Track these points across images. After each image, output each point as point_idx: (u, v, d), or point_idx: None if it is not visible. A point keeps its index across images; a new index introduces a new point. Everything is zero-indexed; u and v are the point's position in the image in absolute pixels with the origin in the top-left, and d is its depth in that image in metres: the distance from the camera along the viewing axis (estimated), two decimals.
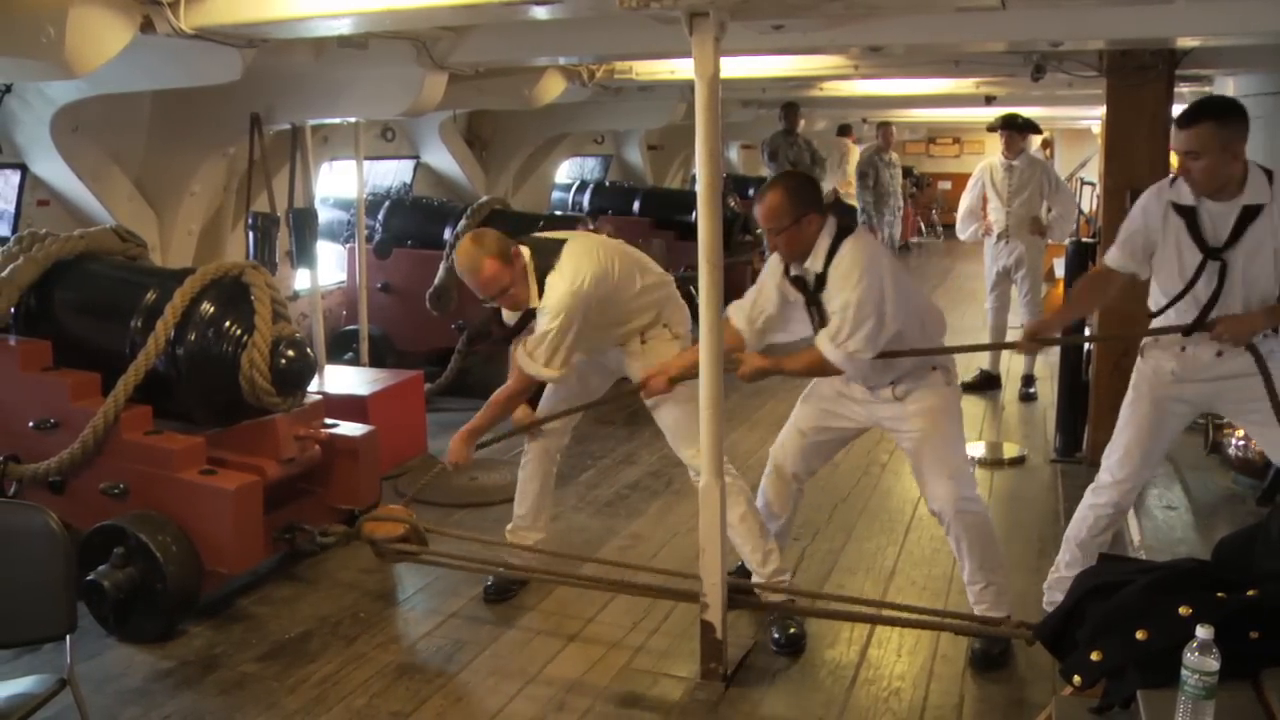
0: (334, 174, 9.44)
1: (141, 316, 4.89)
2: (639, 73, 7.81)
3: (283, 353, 4.85)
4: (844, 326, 4.04)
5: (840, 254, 4.09)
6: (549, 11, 4.23)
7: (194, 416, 4.98)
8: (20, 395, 4.95)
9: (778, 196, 4.14)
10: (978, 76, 8.84)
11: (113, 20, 4.37)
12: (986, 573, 4.29)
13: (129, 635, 4.52)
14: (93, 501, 4.79)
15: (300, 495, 5.18)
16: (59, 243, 5.16)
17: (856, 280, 4.03)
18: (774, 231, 4.15)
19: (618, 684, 4.23)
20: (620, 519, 5.97)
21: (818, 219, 4.13)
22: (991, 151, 9.54)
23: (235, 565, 4.70)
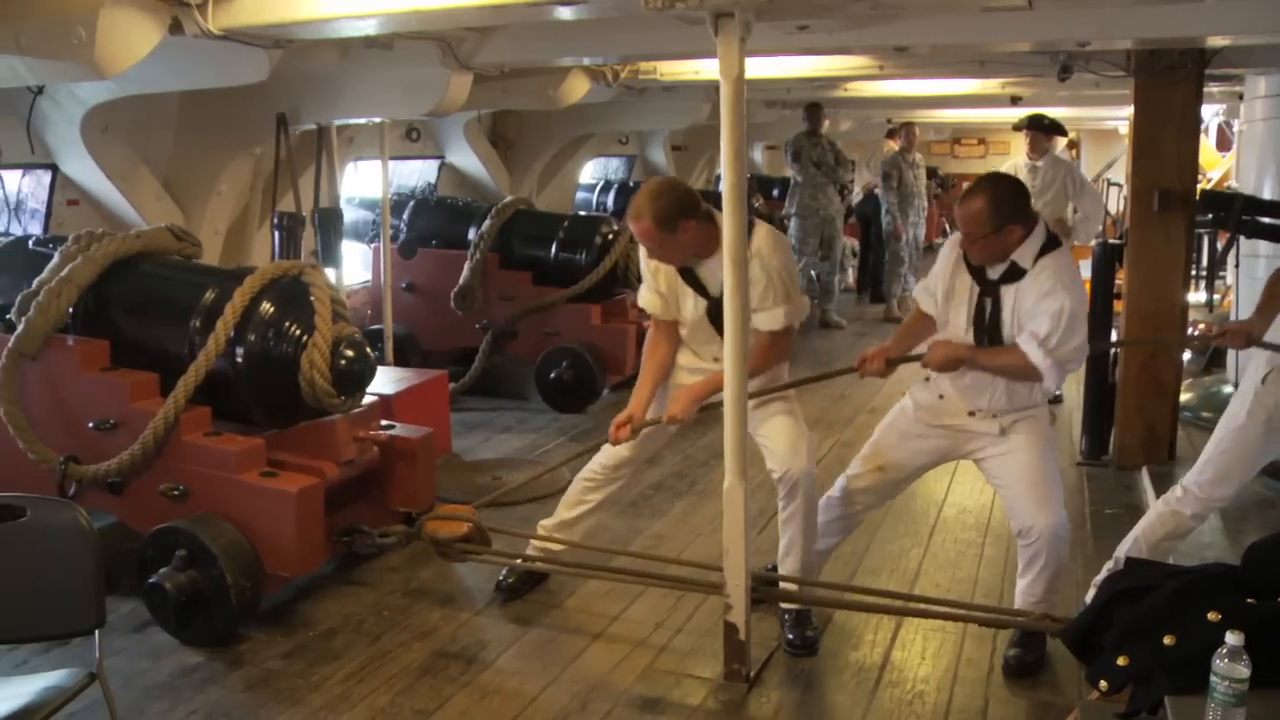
0: (359, 174, 9.50)
1: (201, 316, 4.85)
2: (663, 73, 7.82)
3: (342, 353, 4.79)
4: (1056, 333, 3.91)
5: (1055, 256, 4.00)
6: (574, 12, 4.24)
7: (253, 417, 4.94)
8: (79, 395, 4.93)
9: (982, 204, 3.98)
10: (1003, 77, 8.80)
11: (142, 22, 4.41)
12: (1051, 594, 4.22)
13: (190, 638, 4.49)
14: (152, 503, 4.77)
15: (358, 497, 5.14)
16: (116, 242, 5.12)
17: (1071, 289, 3.94)
18: (973, 237, 4.03)
19: (641, 684, 4.22)
20: (644, 519, 5.97)
21: (1020, 230, 3.99)
22: (1017, 153, 9.48)
23: (297, 568, 4.67)
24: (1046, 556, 4.14)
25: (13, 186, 6.52)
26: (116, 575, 4.59)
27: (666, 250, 4.39)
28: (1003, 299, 4.09)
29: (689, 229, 4.31)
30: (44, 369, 4.95)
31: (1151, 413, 6.47)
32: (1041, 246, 4.03)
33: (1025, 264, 4.02)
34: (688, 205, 4.32)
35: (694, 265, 4.48)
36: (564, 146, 11.22)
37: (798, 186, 11.39)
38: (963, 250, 4.16)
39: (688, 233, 4.31)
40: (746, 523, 4.09)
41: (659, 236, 4.31)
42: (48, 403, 4.97)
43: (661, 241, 4.34)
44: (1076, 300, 3.96)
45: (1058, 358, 3.95)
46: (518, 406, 8.29)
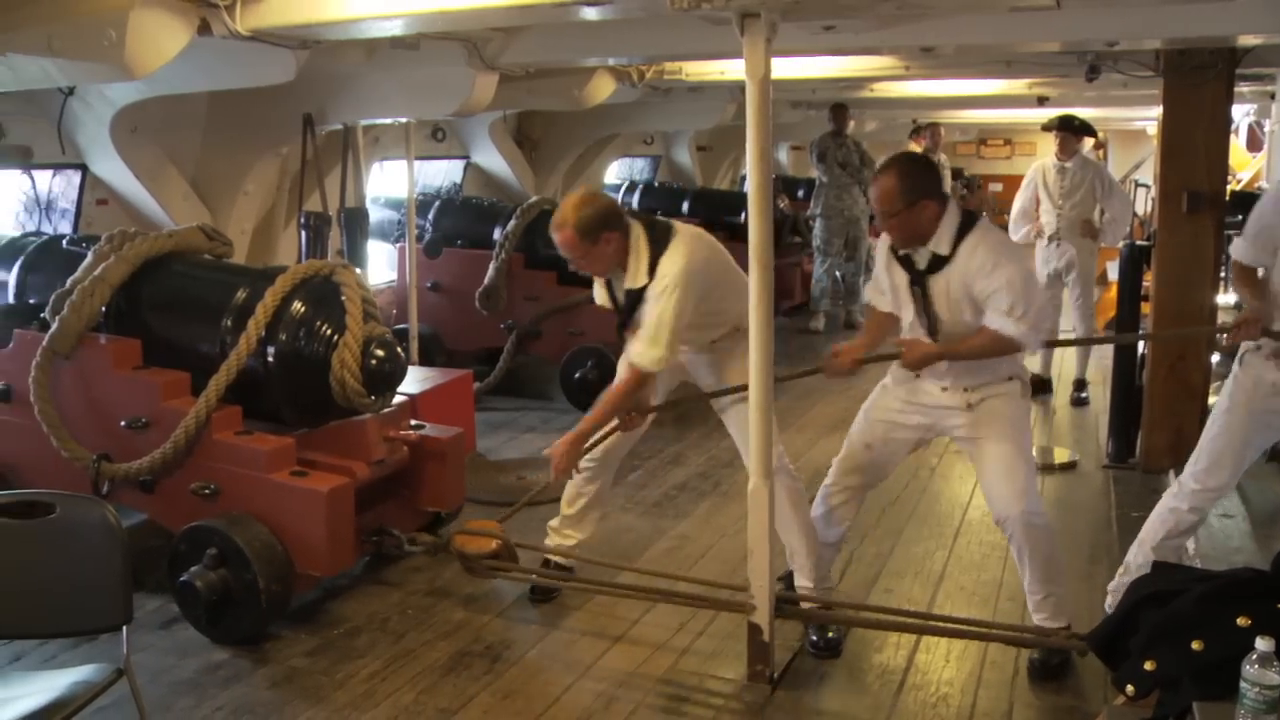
0: (385, 174, 9.53)
1: (232, 316, 4.88)
2: (689, 73, 7.81)
3: (373, 353, 4.80)
4: (1018, 302, 3.94)
5: (977, 236, 4.02)
6: (599, 12, 4.24)
7: (283, 417, 4.95)
8: (112, 394, 4.96)
9: (890, 180, 4.03)
10: (1030, 77, 8.77)
11: (171, 23, 4.44)
12: (1047, 584, 4.22)
13: (220, 636, 4.51)
14: (183, 501, 4.79)
15: (387, 497, 5.15)
16: (148, 241, 5.16)
17: (1011, 258, 4.01)
18: (887, 215, 4.05)
19: (664, 685, 4.22)
20: (668, 519, 5.97)
21: (934, 205, 4.02)
22: (1044, 153, 9.44)
23: (327, 568, 4.68)
24: (1028, 545, 4.15)
25: (44, 186, 6.58)
26: (142, 572, 4.62)
27: (589, 260, 4.46)
28: (932, 289, 4.11)
29: (611, 240, 4.39)
30: (77, 367, 4.98)
31: (1180, 415, 6.42)
32: (958, 228, 4.04)
33: (944, 250, 4.04)
34: (609, 217, 4.39)
35: (615, 277, 4.56)
36: (589, 147, 11.22)
37: (823, 187, 11.35)
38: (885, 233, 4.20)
39: (610, 244, 4.39)
40: (772, 524, 4.09)
41: (581, 246, 4.39)
42: (81, 401, 5.01)
43: (584, 252, 4.41)
44: (1019, 265, 4.02)
45: (1030, 323, 3.98)
46: (542, 406, 8.30)
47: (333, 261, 5.17)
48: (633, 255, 4.42)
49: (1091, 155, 9.66)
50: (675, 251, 4.37)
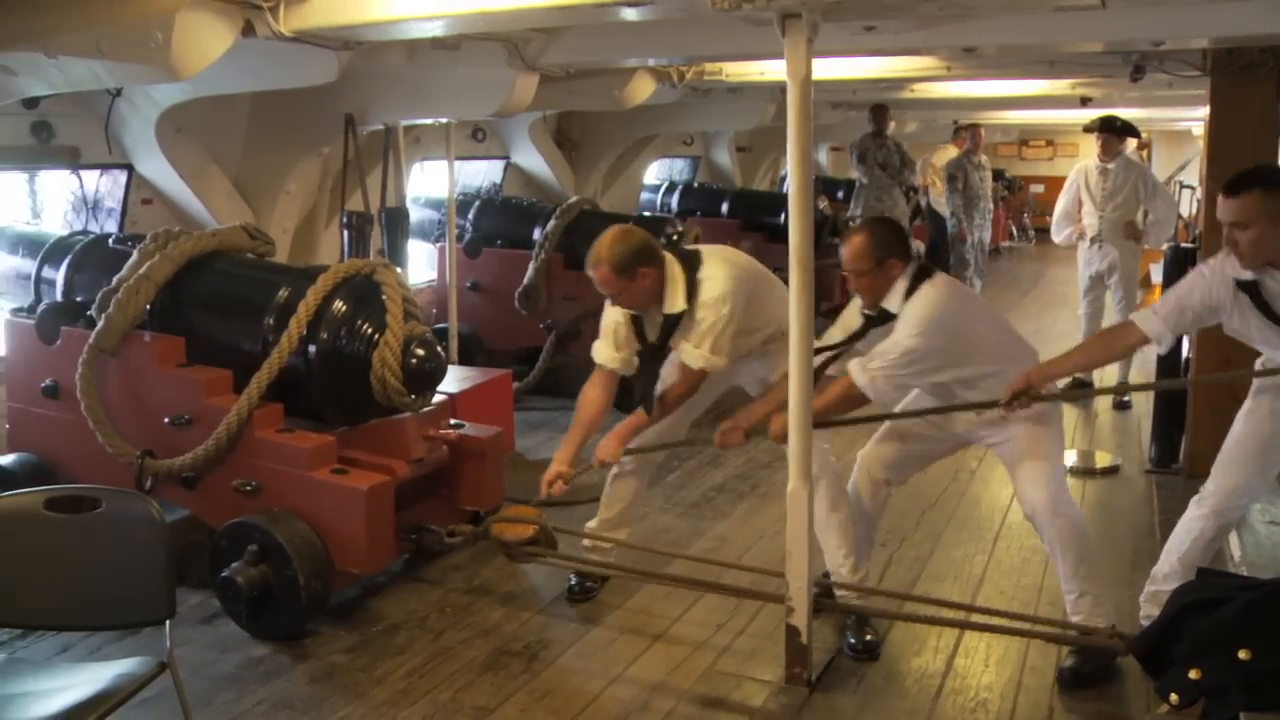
0: (425, 174, 9.58)
1: (274, 314, 4.91)
2: (729, 74, 7.80)
3: (414, 352, 4.83)
4: (879, 358, 4.12)
5: (916, 297, 4.15)
6: (640, 13, 4.24)
7: (323, 415, 4.99)
8: (156, 391, 5.01)
9: (864, 241, 4.21)
10: (1073, 77, 8.69)
11: (216, 24, 4.49)
12: (1082, 580, 4.19)
13: (261, 632, 4.55)
14: (225, 498, 4.84)
15: (426, 496, 5.18)
16: (192, 240, 5.21)
17: (914, 328, 4.09)
18: (856, 274, 4.22)
19: (701, 686, 4.22)
20: (706, 520, 5.96)
21: (900, 264, 4.20)
22: (1086, 154, 9.37)
23: (366, 565, 4.70)
24: (1059, 541, 4.15)
25: (91, 186, 6.67)
26: (184, 568, 4.66)
27: (626, 296, 4.49)
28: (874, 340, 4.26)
29: (648, 275, 4.43)
30: (122, 364, 5.05)
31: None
32: (909, 285, 4.19)
33: (894, 308, 4.20)
34: (644, 253, 4.44)
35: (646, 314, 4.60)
36: (628, 147, 11.23)
37: (863, 189, 11.31)
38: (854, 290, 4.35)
39: (646, 279, 4.44)
40: (810, 526, 4.08)
41: (618, 283, 4.43)
42: (126, 397, 5.07)
43: (621, 288, 4.45)
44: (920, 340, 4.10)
45: (871, 373, 4.12)
46: None
47: (374, 260, 5.20)
48: (669, 284, 4.48)
49: (1135, 156, 9.57)
50: (711, 266, 4.49)
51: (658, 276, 4.47)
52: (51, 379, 5.23)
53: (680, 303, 4.47)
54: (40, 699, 2.98)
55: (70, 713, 2.88)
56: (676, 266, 4.50)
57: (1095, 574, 4.23)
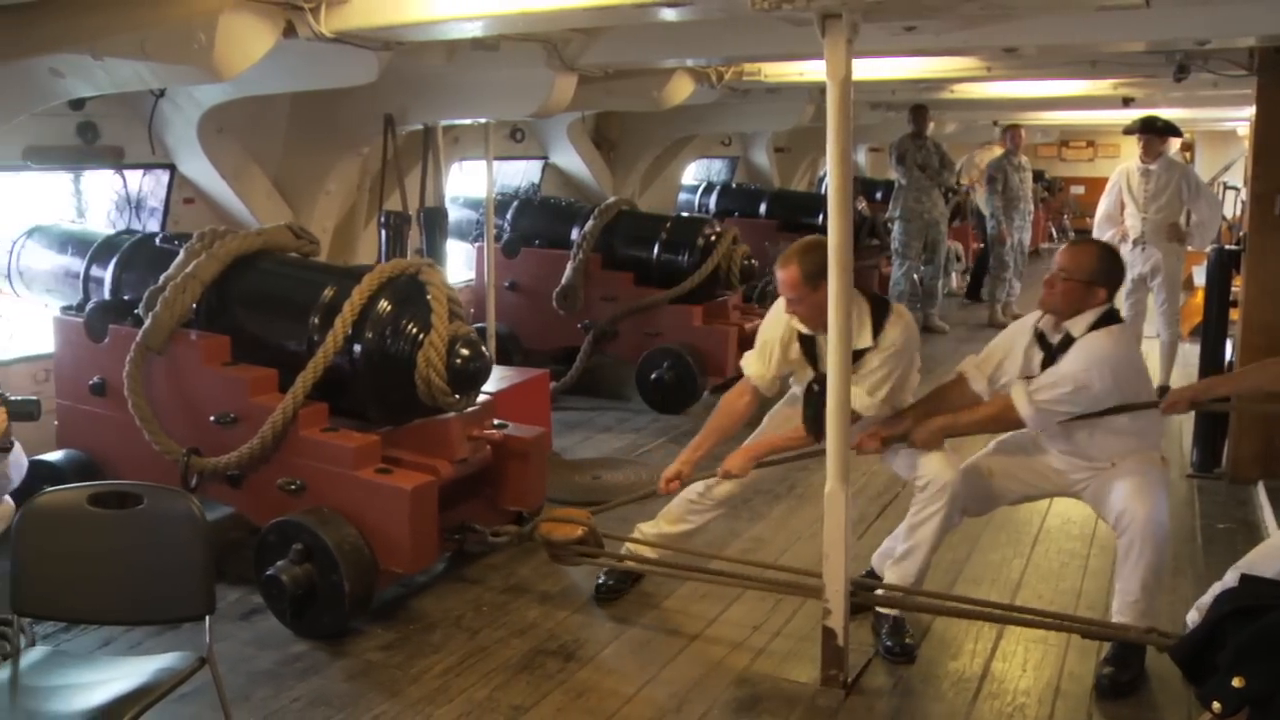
0: (464, 174, 9.61)
1: (319, 313, 4.92)
2: (767, 74, 7.78)
3: (458, 352, 4.81)
4: (1047, 388, 4.11)
5: (1100, 336, 4.14)
6: (679, 13, 4.24)
7: (368, 414, 4.99)
8: (202, 389, 5.04)
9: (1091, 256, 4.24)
10: (1115, 78, 8.60)
11: (258, 25, 4.52)
12: (1146, 590, 4.12)
13: (305, 630, 4.56)
14: (269, 496, 4.85)
15: (470, 496, 5.17)
16: (238, 239, 5.24)
17: (1089, 363, 4.08)
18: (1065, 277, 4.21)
19: (737, 687, 4.21)
20: (742, 521, 5.94)
21: (1104, 295, 4.20)
22: (1127, 155, 9.27)
23: (410, 565, 4.69)
24: (1141, 545, 4.08)
25: (134, 186, 6.74)
26: (223, 564, 4.70)
27: (805, 306, 4.43)
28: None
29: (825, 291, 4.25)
30: (168, 363, 5.09)
31: (1271, 423, 6.24)
32: (1097, 321, 4.17)
33: (1076, 333, 4.18)
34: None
35: (818, 334, 4.47)
36: (667, 148, 11.23)
37: (902, 189, 11.25)
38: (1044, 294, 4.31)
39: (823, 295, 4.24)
40: (847, 528, 4.06)
41: (801, 289, 4.39)
42: (172, 396, 5.11)
43: (802, 295, 4.40)
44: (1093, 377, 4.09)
45: (1038, 405, 4.13)
46: (618, 407, 8.33)
47: (419, 260, 5.20)
48: (857, 316, 4.34)
49: (1178, 157, 9.47)
50: (900, 322, 4.46)
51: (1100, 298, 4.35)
52: (99, 377, 5.28)
53: (867, 339, 4.41)
54: (83, 691, 3.03)
55: (112, 706, 2.92)
56: (866, 305, 4.44)
57: (1159, 589, 4.21)
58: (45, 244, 5.96)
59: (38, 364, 5.99)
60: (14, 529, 3.32)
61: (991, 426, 4.32)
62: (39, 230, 6.03)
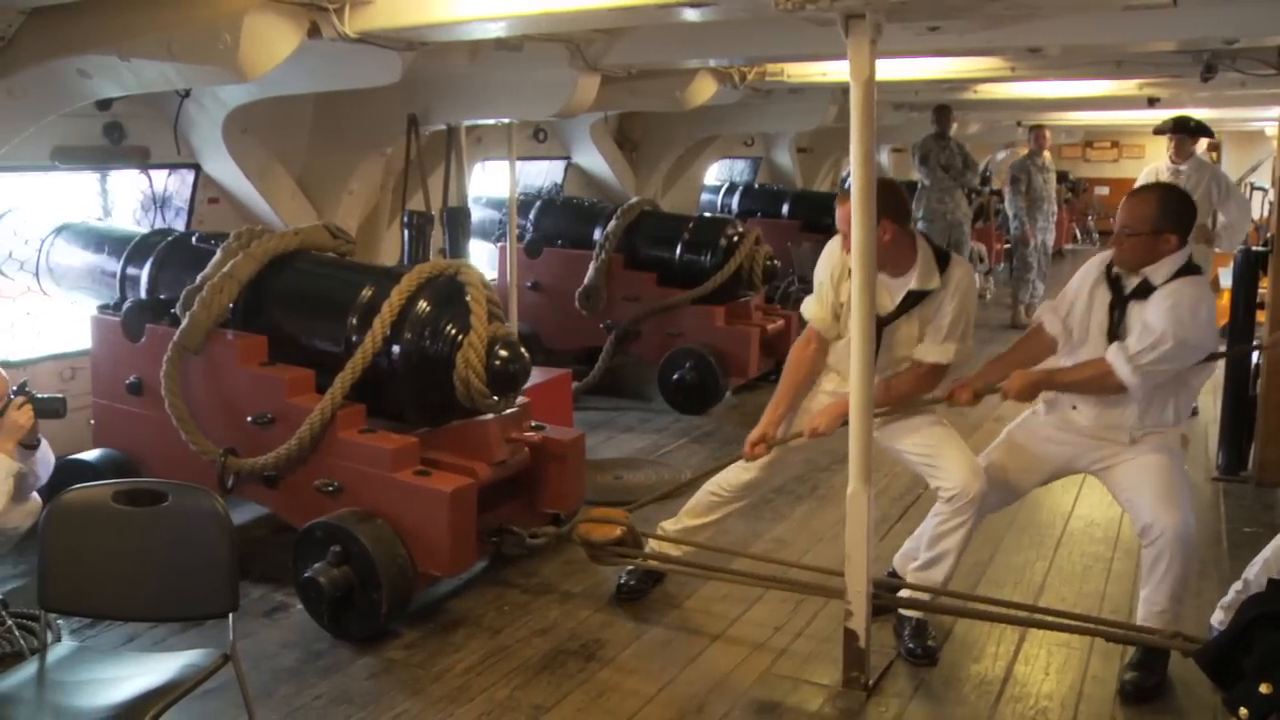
0: (487, 174, 9.64)
1: (358, 314, 4.90)
2: (790, 75, 7.77)
3: (497, 353, 4.79)
4: (1148, 350, 3.95)
5: (1186, 283, 4.00)
6: (702, 13, 4.23)
7: (406, 416, 4.97)
8: (238, 389, 5.04)
9: (1151, 204, 4.09)
10: (1141, 78, 8.54)
11: (283, 26, 4.54)
12: (1173, 600, 4.07)
13: (342, 633, 4.54)
14: (306, 497, 4.85)
15: (507, 498, 5.14)
16: (275, 239, 5.23)
17: (1189, 317, 3.94)
18: (1129, 232, 4.07)
19: (758, 688, 4.21)
20: (764, 522, 5.94)
21: (1175, 240, 4.04)
22: (1153, 156, 9.21)
23: (449, 568, 4.67)
24: (1170, 557, 4.02)
25: (159, 186, 6.78)
26: (247, 562, 4.72)
27: None
28: (1128, 313, 4.08)
29: (886, 231, 4.23)
30: (205, 362, 5.10)
31: None
32: (1178, 270, 4.02)
33: (1156, 281, 4.03)
34: (895, 206, 4.29)
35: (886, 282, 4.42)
36: (689, 148, 11.23)
37: (924, 190, 11.21)
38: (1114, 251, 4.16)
39: (885, 234, 4.22)
40: (870, 529, 4.05)
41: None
42: (209, 396, 5.12)
43: None
44: (1187, 328, 3.94)
45: (1142, 369, 3.97)
46: (639, 407, 8.33)
47: (458, 261, 5.18)
48: (921, 258, 4.35)
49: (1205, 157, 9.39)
50: (962, 263, 4.43)
51: (900, 239, 4.33)
52: (136, 376, 5.31)
53: (936, 280, 4.35)
54: (108, 687, 3.05)
55: (137, 701, 2.95)
56: (929, 248, 4.40)
57: (1187, 597, 4.15)
58: (74, 242, 6.00)
59: (64, 362, 6.05)
60: (41, 526, 3.35)
61: (1089, 389, 4.15)
62: (67, 228, 6.07)
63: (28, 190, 6.36)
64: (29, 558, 4.69)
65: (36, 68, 4.93)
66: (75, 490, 3.42)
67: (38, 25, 4.86)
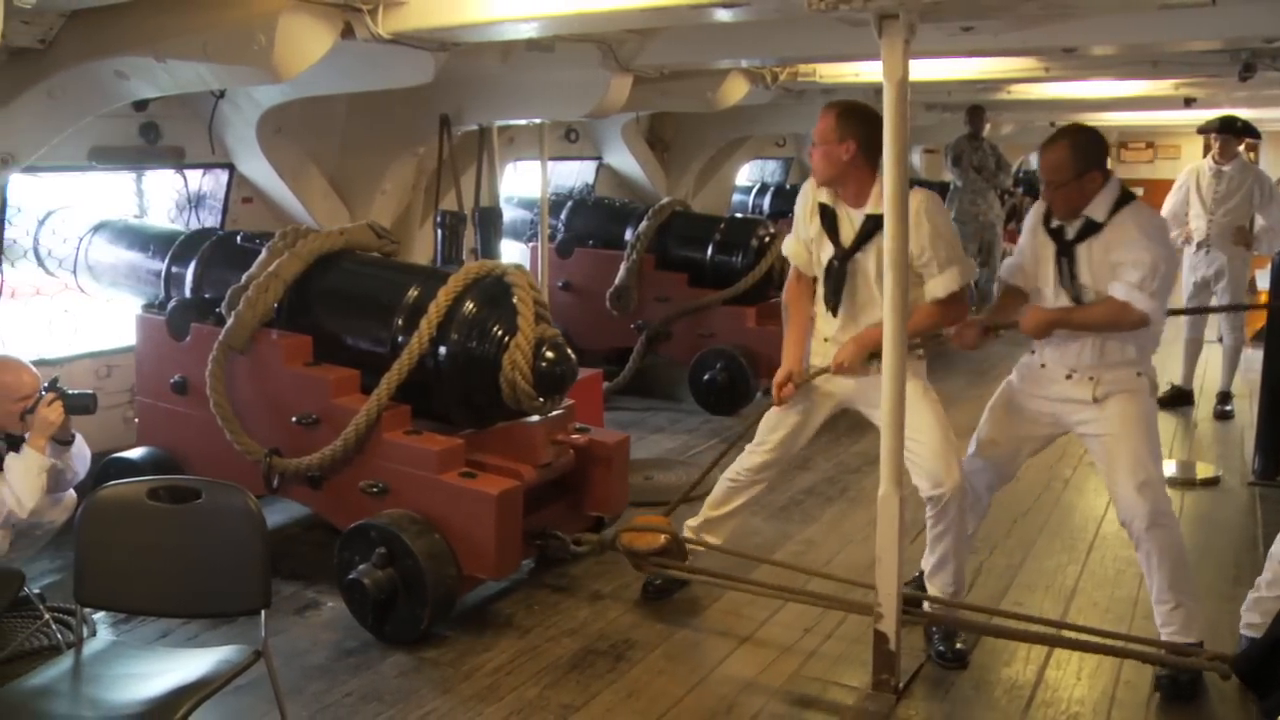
0: (518, 174, 9.67)
1: (404, 314, 4.88)
2: (823, 75, 7.75)
3: (544, 355, 4.76)
4: (1149, 278, 3.98)
5: (1134, 209, 4.07)
6: (734, 14, 4.22)
7: (451, 417, 4.94)
8: (283, 390, 5.03)
9: (1065, 150, 4.11)
10: (1177, 78, 8.45)
11: (316, 27, 4.56)
12: (1176, 593, 4.08)
13: (387, 636, 4.52)
14: (351, 498, 4.84)
15: (551, 501, 5.12)
16: (320, 238, 5.23)
17: (1158, 235, 4.06)
18: (1054, 185, 4.12)
19: (787, 690, 4.20)
20: (794, 524, 5.93)
21: (1100, 176, 4.10)
22: (1189, 156, 9.11)
23: (494, 571, 4.63)
24: (1151, 549, 4.07)
25: (194, 185, 6.83)
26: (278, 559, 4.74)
27: (822, 157, 4.38)
28: (1079, 257, 4.14)
29: (849, 151, 4.31)
30: (250, 362, 5.10)
31: None
32: (1116, 200, 4.10)
33: (1099, 217, 4.09)
34: (859, 132, 4.30)
35: (836, 206, 4.49)
36: (721, 148, 11.21)
37: (957, 191, 11.16)
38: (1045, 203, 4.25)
39: (847, 154, 4.31)
40: (901, 532, 4.03)
41: (827, 135, 4.35)
42: (253, 395, 5.12)
43: (824, 141, 4.36)
44: (1163, 247, 4.07)
45: (1158, 300, 4.01)
46: (670, 407, 8.34)
47: (505, 263, 5.16)
48: (878, 184, 4.27)
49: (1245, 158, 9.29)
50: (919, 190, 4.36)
51: (861, 164, 4.34)
52: (180, 375, 5.32)
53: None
54: (142, 681, 3.08)
55: (170, 697, 2.98)
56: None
57: (1189, 588, 4.12)
58: (113, 240, 6.05)
59: (100, 360, 6.10)
60: (77, 521, 3.39)
61: (1107, 325, 4.12)
62: (105, 226, 6.13)
63: (67, 190, 6.41)
64: (65, 553, 4.75)
65: (75, 69, 4.97)
66: (110, 486, 3.46)
67: (77, 28, 4.91)
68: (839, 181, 4.42)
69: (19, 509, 4.06)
